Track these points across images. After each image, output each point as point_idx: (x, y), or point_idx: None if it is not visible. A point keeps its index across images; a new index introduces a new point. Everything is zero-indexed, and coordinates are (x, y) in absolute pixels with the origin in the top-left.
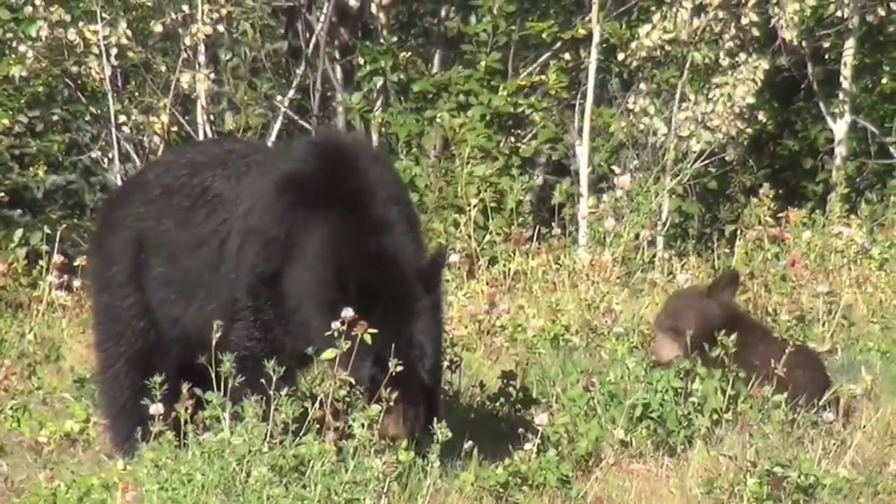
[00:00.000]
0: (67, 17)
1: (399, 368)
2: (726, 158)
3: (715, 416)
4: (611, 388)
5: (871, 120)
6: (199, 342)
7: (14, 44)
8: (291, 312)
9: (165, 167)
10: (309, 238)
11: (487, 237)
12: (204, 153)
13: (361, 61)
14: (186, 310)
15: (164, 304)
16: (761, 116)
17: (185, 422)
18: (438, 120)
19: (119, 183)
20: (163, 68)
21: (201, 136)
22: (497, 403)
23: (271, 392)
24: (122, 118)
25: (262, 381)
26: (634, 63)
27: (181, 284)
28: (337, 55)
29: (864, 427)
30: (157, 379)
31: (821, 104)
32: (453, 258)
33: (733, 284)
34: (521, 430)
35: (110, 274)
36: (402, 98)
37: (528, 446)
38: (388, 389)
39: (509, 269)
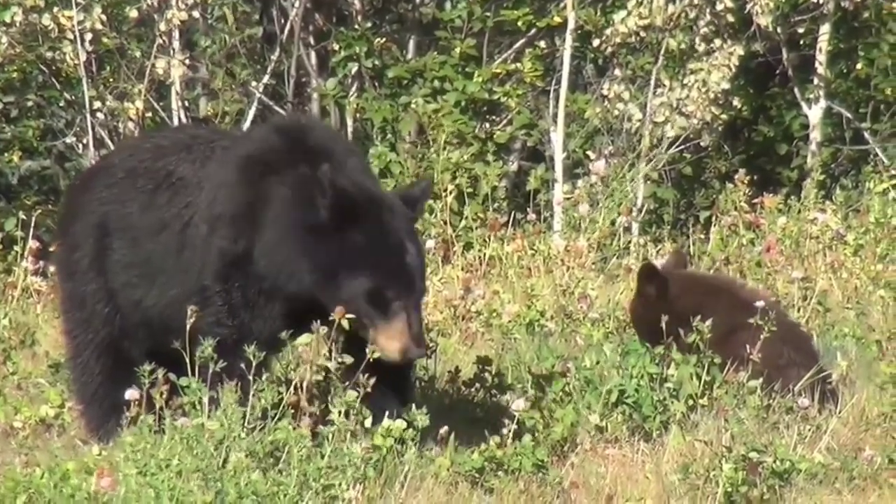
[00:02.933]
0: (42, 3)
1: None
2: (701, 144)
3: (690, 402)
4: (586, 374)
5: (846, 106)
6: (161, 326)
7: None
8: (261, 293)
9: (130, 151)
10: (270, 208)
11: (463, 223)
12: (168, 138)
13: (336, 47)
14: (148, 293)
15: (126, 287)
16: (736, 102)
17: (161, 407)
18: (413, 106)
19: None
20: (137, 54)
21: (176, 122)
22: (472, 389)
23: (250, 377)
24: (97, 104)
25: (236, 366)
26: (609, 49)
27: (143, 267)
28: (312, 41)
29: (840, 412)
30: (147, 365)
31: (796, 90)
32: (429, 244)
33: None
34: (496, 415)
35: (74, 259)
36: (377, 84)
37: (503, 432)
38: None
39: (485, 255)
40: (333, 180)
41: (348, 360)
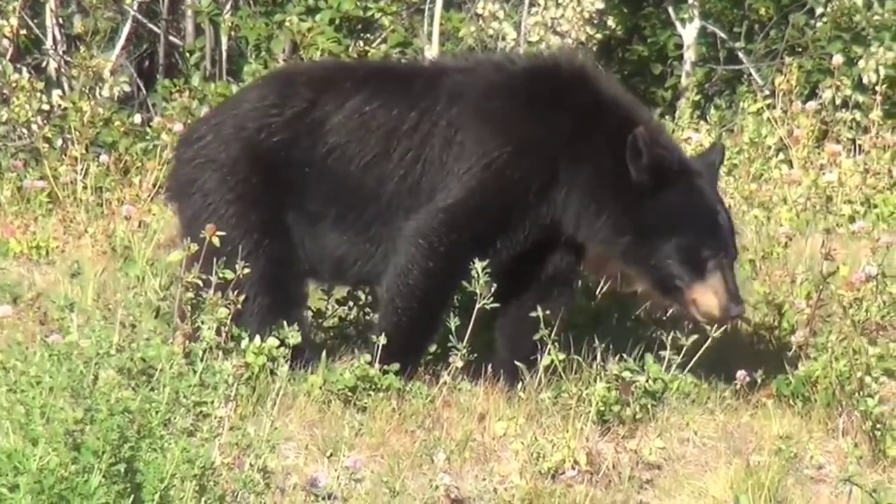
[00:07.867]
0: None
1: None
2: None
3: None
4: (463, 298)
5: (720, 25)
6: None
7: None
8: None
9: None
10: (581, 160)
11: None
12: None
13: None
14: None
15: (316, 225)
16: (610, 22)
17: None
18: (287, 24)
19: None
20: None
21: (50, 40)
22: (345, 307)
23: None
24: None
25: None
26: None
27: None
28: None
29: (714, 332)
30: None
31: (670, 9)
32: None
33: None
34: (369, 334)
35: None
36: (252, 2)
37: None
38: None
39: None
40: (651, 144)
41: (229, 275)
